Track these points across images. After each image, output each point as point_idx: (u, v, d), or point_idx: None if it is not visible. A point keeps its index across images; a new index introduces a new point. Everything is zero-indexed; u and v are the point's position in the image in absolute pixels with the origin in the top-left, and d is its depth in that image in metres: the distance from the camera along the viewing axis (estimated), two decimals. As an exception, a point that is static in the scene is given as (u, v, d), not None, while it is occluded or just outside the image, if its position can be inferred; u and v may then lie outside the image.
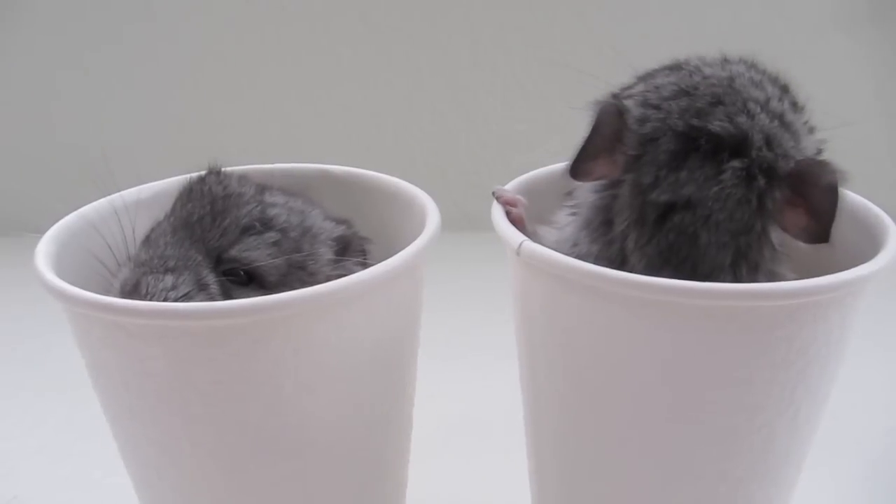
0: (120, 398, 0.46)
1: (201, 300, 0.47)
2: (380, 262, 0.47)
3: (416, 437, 0.57)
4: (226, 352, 0.43)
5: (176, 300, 0.47)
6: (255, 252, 0.49)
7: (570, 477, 0.52)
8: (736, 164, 0.44)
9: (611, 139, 0.47)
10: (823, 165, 0.45)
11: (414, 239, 0.49)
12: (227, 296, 0.48)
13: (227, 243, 0.49)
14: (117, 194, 0.55)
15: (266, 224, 0.50)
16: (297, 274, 0.50)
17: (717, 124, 0.45)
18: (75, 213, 0.53)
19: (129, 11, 1.10)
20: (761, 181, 0.44)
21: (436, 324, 0.61)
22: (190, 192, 0.52)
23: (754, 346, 0.43)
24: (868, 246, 0.47)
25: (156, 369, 0.43)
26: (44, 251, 0.48)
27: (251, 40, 1.12)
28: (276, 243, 0.50)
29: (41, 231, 0.51)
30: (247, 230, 0.50)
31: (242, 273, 0.49)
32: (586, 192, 0.49)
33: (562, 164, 0.50)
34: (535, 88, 1.10)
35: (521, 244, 0.47)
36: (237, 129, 1.13)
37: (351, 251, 0.54)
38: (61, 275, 0.46)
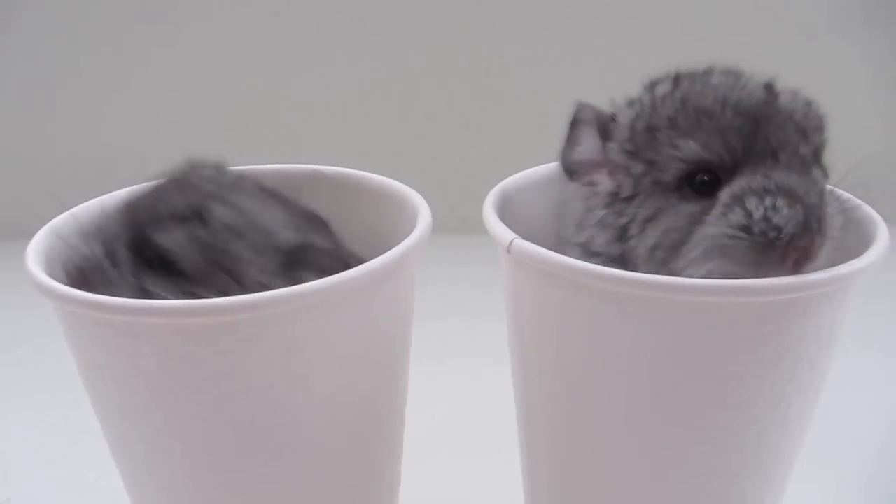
0: (110, 396, 0.46)
1: (108, 268, 0.46)
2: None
3: (410, 438, 0.57)
4: (216, 349, 0.43)
5: (80, 266, 0.46)
6: (169, 238, 0.47)
7: (562, 474, 0.52)
8: None
9: None
10: None
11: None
12: (136, 276, 0.47)
13: (147, 223, 0.48)
14: (109, 195, 0.55)
15: (199, 216, 0.48)
16: (220, 276, 0.48)
17: None
18: (65, 213, 0.53)
19: (123, 16, 1.10)
20: None
21: (430, 325, 0.61)
22: (167, 180, 0.51)
23: (744, 341, 0.43)
24: (859, 243, 0.47)
25: (146, 367, 0.43)
26: (34, 251, 0.48)
27: (245, 43, 1.12)
28: (197, 238, 0.48)
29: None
30: (174, 217, 0.48)
31: (151, 254, 0.47)
32: None
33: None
34: (529, 90, 1.11)
35: (511, 241, 0.47)
36: (230, 130, 1.13)
37: (304, 266, 0.51)
38: (52, 275, 0.45)
